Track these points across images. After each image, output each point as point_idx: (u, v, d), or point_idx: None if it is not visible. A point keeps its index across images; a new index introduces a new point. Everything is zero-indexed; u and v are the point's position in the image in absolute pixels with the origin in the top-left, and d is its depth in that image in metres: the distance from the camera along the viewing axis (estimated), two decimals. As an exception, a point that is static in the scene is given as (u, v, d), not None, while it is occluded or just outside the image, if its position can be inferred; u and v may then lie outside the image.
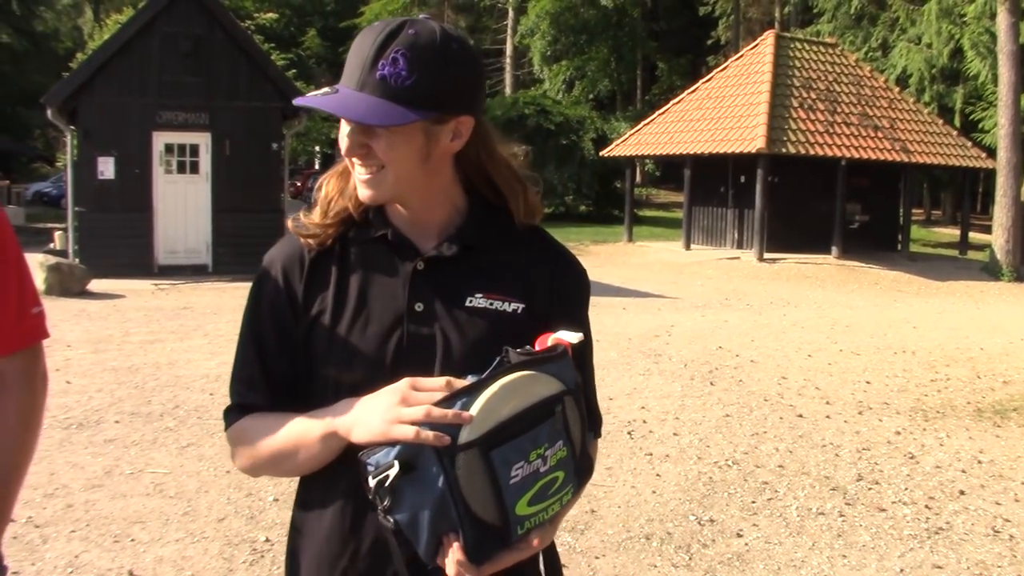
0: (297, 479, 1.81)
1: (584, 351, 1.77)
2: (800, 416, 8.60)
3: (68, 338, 11.50)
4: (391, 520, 1.49)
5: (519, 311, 1.71)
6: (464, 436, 1.48)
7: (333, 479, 1.70)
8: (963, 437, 8.15)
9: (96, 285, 16.15)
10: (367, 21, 60.41)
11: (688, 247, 27.32)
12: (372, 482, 1.49)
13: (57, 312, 13.51)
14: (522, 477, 1.52)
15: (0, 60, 44.74)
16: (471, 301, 1.70)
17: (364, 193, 1.68)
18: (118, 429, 7.53)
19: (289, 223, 1.79)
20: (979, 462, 7.40)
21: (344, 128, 1.66)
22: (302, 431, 1.66)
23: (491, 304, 1.70)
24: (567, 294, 1.79)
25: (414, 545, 1.52)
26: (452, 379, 1.55)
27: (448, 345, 1.67)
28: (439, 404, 1.50)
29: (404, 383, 1.56)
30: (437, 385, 1.54)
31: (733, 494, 6.33)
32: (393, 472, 1.48)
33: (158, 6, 18.98)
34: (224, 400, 6.43)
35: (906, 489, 6.60)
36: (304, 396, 1.72)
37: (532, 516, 1.55)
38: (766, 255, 24.33)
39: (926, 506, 6.26)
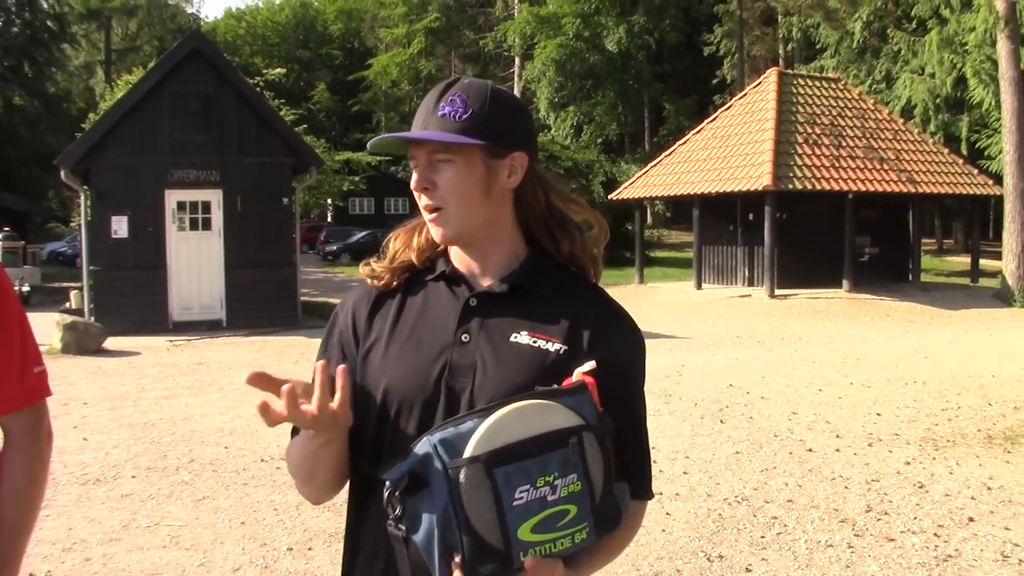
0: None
1: (636, 412, 1.89)
2: (810, 450, 8.65)
3: (85, 395, 11.63)
4: (402, 529, 1.58)
5: (561, 352, 1.77)
6: (468, 451, 1.55)
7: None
8: (973, 464, 8.18)
9: (112, 343, 16.32)
10: (375, 74, 61.22)
11: (699, 286, 27.39)
12: (386, 494, 1.58)
13: (74, 370, 13.67)
14: (527, 501, 1.55)
15: (14, 122, 45.39)
16: (515, 337, 1.79)
17: (435, 231, 1.83)
18: (134, 484, 7.63)
19: (361, 267, 1.97)
20: (988, 488, 7.43)
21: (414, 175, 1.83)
22: (301, 450, 1.80)
23: (534, 342, 1.78)
24: (614, 349, 1.82)
25: (430, 569, 1.58)
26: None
27: (485, 374, 1.76)
28: (451, 422, 1.60)
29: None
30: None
31: (742, 530, 6.38)
32: (403, 483, 1.57)
33: (168, 66, 19.30)
34: (238, 453, 6.56)
35: (915, 518, 6.64)
36: (359, 409, 1.82)
37: (537, 544, 1.57)
38: (777, 291, 24.38)
39: (935, 534, 6.29)
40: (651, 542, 6.10)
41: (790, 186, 23.91)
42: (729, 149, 26.67)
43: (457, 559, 1.55)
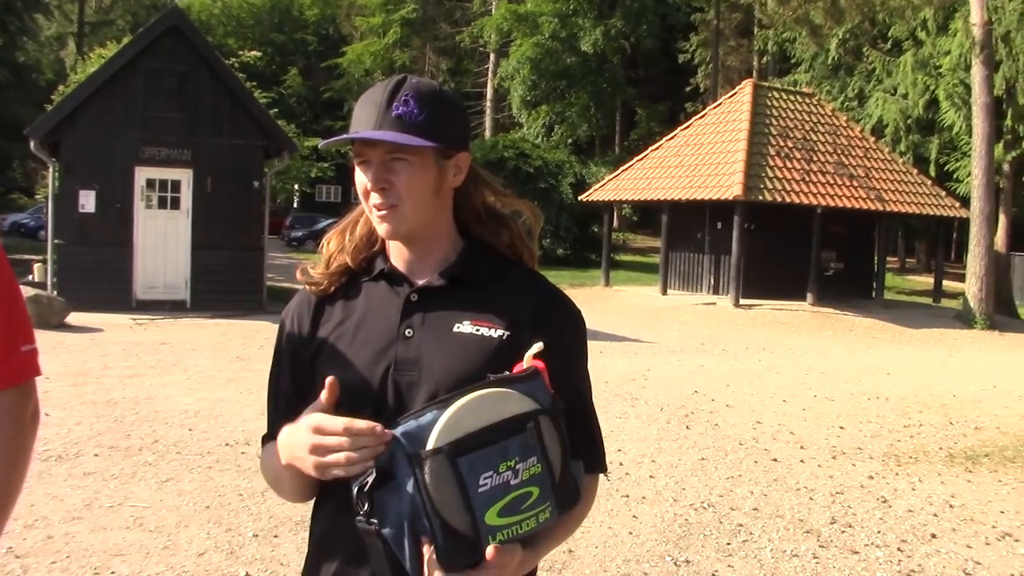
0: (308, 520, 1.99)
1: (582, 389, 1.92)
2: (775, 460, 8.70)
3: (46, 370, 11.38)
4: (374, 523, 1.61)
5: (504, 338, 1.82)
6: (431, 443, 1.58)
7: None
8: (935, 482, 8.26)
9: (74, 318, 16.13)
10: (348, 62, 60.82)
11: (665, 292, 27.46)
12: (354, 490, 1.61)
13: (35, 345, 13.48)
14: (491, 487, 1.59)
15: (-20, 90, 44.70)
16: (457, 327, 1.84)
17: (383, 228, 1.84)
18: (97, 462, 7.54)
19: (298, 274, 2.00)
20: (951, 506, 7.50)
21: (360, 175, 1.83)
22: (277, 463, 1.83)
23: (476, 330, 1.83)
24: (555, 330, 1.86)
25: (400, 560, 1.61)
26: (354, 422, 1.62)
27: (432, 366, 1.81)
28: (412, 415, 1.63)
29: (311, 418, 1.68)
30: (338, 426, 1.63)
31: (708, 536, 6.40)
32: (371, 479, 1.60)
33: (143, 42, 19.09)
34: (202, 436, 6.53)
35: (879, 532, 6.69)
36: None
37: (504, 527, 1.61)
38: (742, 301, 24.46)
39: (898, 549, 6.34)
40: (618, 544, 6.11)
41: (760, 197, 24.01)
42: (701, 157, 26.74)
43: (427, 548, 1.58)
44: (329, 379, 1.69)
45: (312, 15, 72.74)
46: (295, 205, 58.82)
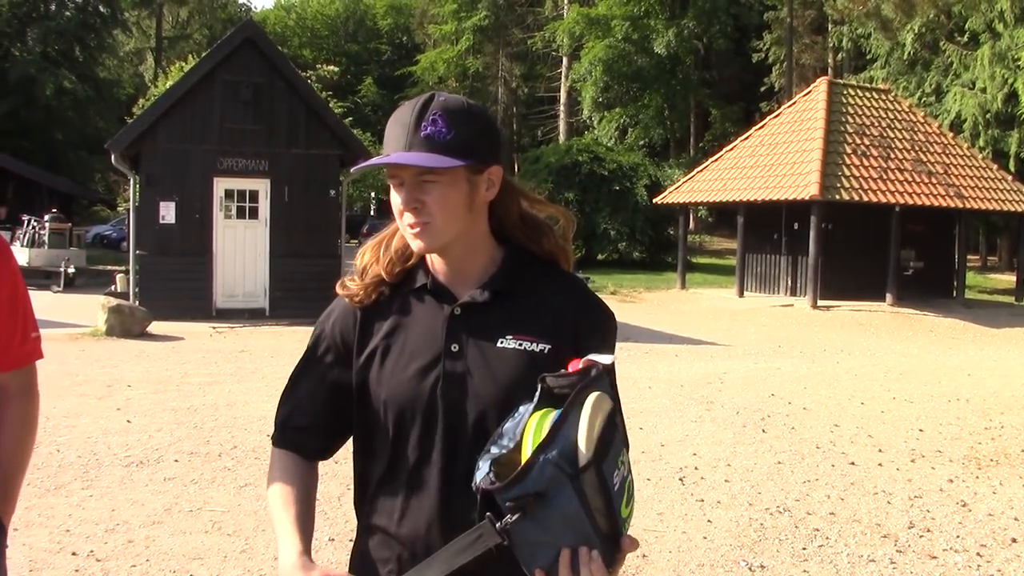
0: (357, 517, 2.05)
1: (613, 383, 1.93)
2: (852, 464, 8.59)
3: (128, 378, 11.74)
4: (505, 536, 1.64)
5: (546, 351, 1.88)
6: (583, 458, 1.62)
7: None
8: (1016, 485, 8.10)
9: (156, 327, 16.46)
10: (422, 69, 61.16)
11: (741, 294, 27.27)
12: (496, 525, 1.64)
13: (118, 353, 13.80)
14: (619, 482, 1.67)
15: (63, 106, 45.74)
16: (501, 342, 1.89)
17: (417, 244, 1.89)
18: (177, 468, 7.70)
19: (338, 287, 2.04)
20: (1033, 511, 7.36)
21: (395, 195, 1.88)
22: (275, 527, 1.92)
23: (520, 345, 1.89)
24: (592, 332, 1.93)
25: (527, 567, 1.66)
26: None
27: (478, 383, 1.86)
28: (551, 432, 1.63)
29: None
30: None
31: (784, 540, 6.35)
32: (515, 517, 1.62)
33: (220, 55, 19.44)
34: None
35: (958, 537, 6.58)
36: (360, 420, 1.97)
37: (628, 517, 1.71)
38: (820, 302, 24.22)
39: (978, 554, 6.23)
40: (692, 549, 6.09)
41: (837, 196, 23.76)
42: (776, 157, 26.53)
43: (596, 558, 1.63)
44: None
45: (385, 24, 73.36)
46: (372, 212, 59.36)
